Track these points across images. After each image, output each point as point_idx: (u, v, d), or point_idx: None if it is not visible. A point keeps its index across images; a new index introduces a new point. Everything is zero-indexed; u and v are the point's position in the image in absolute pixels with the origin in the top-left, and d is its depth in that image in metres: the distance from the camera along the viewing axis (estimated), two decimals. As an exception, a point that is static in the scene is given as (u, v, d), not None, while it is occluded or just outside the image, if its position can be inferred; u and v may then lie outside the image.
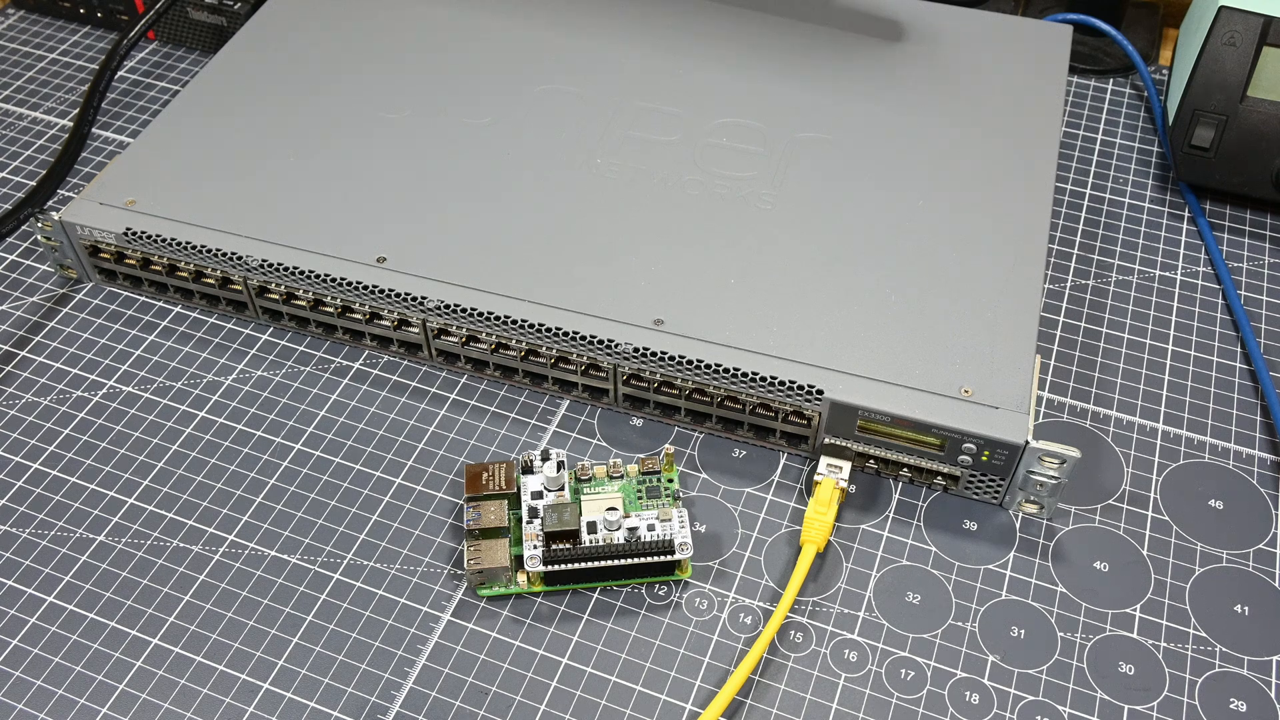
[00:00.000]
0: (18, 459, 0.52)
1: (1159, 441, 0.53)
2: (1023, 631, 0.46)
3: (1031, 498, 0.49)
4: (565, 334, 0.50)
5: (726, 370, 0.49)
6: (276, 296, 0.55)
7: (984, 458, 0.47)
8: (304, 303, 0.54)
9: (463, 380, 0.55)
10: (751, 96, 0.61)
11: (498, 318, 0.51)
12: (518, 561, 0.47)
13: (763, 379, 0.48)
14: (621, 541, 0.46)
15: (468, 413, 0.53)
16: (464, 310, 0.51)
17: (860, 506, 0.50)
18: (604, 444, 0.52)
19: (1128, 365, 0.56)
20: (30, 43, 0.76)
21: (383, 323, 0.54)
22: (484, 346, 0.52)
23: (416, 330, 0.53)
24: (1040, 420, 0.54)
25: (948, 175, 0.57)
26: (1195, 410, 0.54)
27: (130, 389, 0.55)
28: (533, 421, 0.53)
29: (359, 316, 0.54)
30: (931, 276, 0.52)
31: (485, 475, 0.48)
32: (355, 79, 0.62)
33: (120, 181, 0.57)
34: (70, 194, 0.65)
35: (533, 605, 0.47)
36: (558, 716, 0.43)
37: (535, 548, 0.46)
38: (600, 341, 0.50)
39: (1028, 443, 0.46)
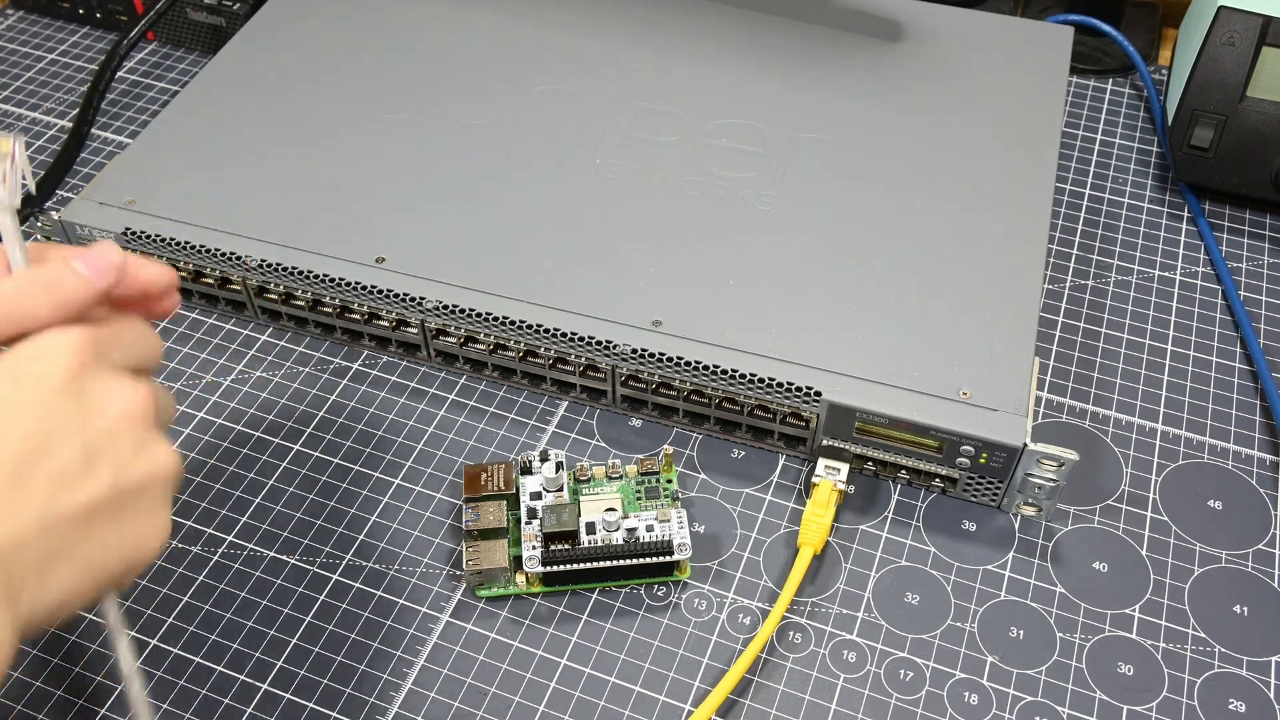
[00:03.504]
0: (17, 459, 0.52)
1: (1158, 442, 0.53)
2: (1022, 632, 0.46)
3: (1030, 500, 0.49)
4: (563, 335, 0.50)
5: (725, 371, 0.49)
6: (275, 296, 0.55)
7: (982, 460, 0.47)
8: (303, 303, 0.54)
9: (461, 381, 0.55)
10: (751, 97, 0.61)
11: (496, 318, 0.51)
12: (516, 562, 0.47)
13: (761, 380, 0.48)
14: (620, 542, 0.46)
15: (466, 413, 0.53)
16: (462, 311, 0.51)
17: (859, 507, 0.50)
18: (603, 445, 0.52)
19: (1127, 365, 0.56)
20: (30, 43, 0.76)
21: (381, 323, 0.54)
22: (482, 347, 0.52)
23: (415, 331, 0.53)
24: (1039, 420, 0.54)
25: (947, 176, 0.57)
26: (1194, 410, 0.54)
27: (129, 389, 0.55)
28: (531, 422, 0.53)
29: (357, 317, 0.54)
30: (930, 277, 0.52)
31: (484, 476, 0.48)
32: (354, 79, 0.62)
33: (120, 181, 0.57)
34: (70, 194, 0.65)
35: (531, 606, 0.47)
36: (556, 717, 0.43)
37: (534, 548, 0.46)
38: (599, 342, 0.50)
39: (1026, 445, 0.46)
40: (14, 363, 0.33)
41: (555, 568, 0.46)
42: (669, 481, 0.49)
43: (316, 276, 0.53)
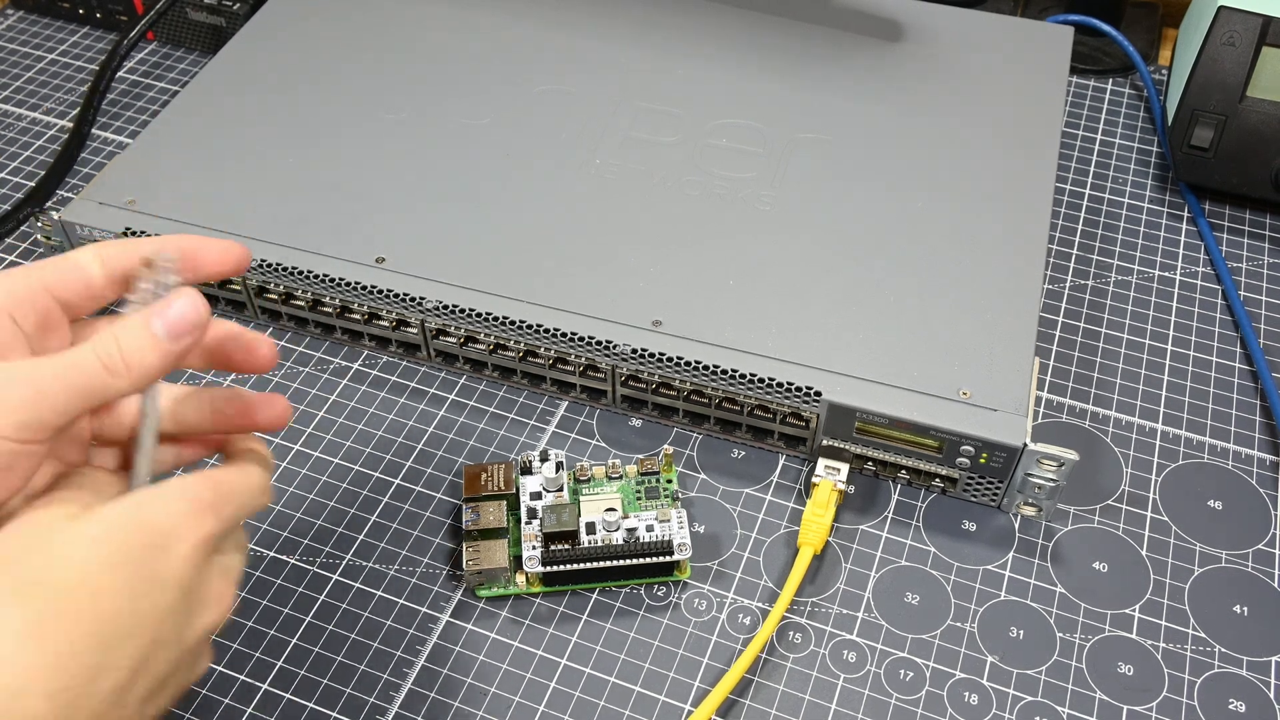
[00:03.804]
0: (17, 459, 0.52)
1: (1158, 442, 0.53)
2: (1022, 632, 0.46)
3: (1030, 500, 0.49)
4: (563, 335, 0.50)
5: (725, 371, 0.49)
6: (275, 296, 0.55)
7: (982, 460, 0.47)
8: (303, 303, 0.54)
9: (461, 381, 0.55)
10: (751, 97, 0.61)
11: (496, 318, 0.51)
12: (516, 562, 0.47)
13: (761, 380, 0.48)
14: (620, 542, 0.46)
15: (466, 413, 0.53)
16: (462, 311, 0.51)
17: (859, 507, 0.50)
18: (603, 444, 0.52)
19: (1127, 365, 0.56)
20: (30, 43, 0.76)
21: (381, 323, 0.54)
22: (482, 347, 0.52)
23: (415, 330, 0.53)
24: (1039, 421, 0.54)
25: (947, 176, 0.57)
26: (1194, 410, 0.54)
27: (129, 389, 0.55)
28: (531, 422, 0.53)
29: (357, 317, 0.54)
30: (930, 277, 0.52)
31: (484, 476, 0.48)
32: (355, 79, 0.62)
33: (120, 181, 0.57)
34: (70, 194, 0.65)
35: (531, 606, 0.47)
36: (556, 717, 0.43)
37: (534, 548, 0.46)
38: (598, 342, 0.50)
39: (1026, 445, 0.46)
40: (137, 552, 0.31)
41: (555, 568, 0.46)
42: (669, 481, 0.49)
43: (316, 276, 0.53)
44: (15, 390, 0.30)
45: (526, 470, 0.49)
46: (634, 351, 0.50)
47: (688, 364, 0.49)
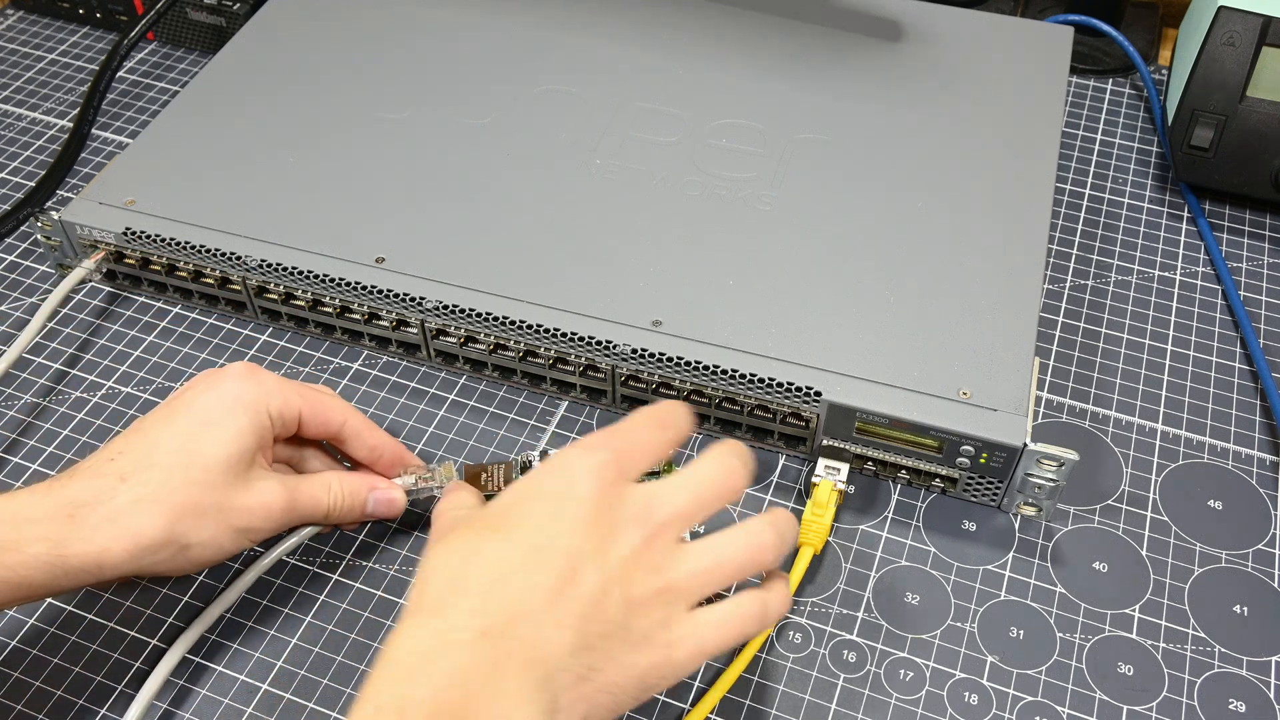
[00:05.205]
0: (17, 459, 0.52)
1: (1158, 442, 0.53)
2: (1022, 632, 0.46)
3: (1030, 500, 0.49)
4: (563, 335, 0.50)
5: (724, 371, 0.49)
6: (275, 296, 0.55)
7: (982, 460, 0.47)
8: (303, 303, 0.54)
9: (461, 381, 0.55)
10: (751, 97, 0.61)
11: (496, 318, 0.51)
12: (516, 562, 0.47)
13: (761, 380, 0.48)
14: (620, 542, 0.46)
15: (466, 413, 0.53)
16: (462, 311, 0.51)
17: (859, 507, 0.50)
18: (603, 444, 0.52)
19: (1127, 365, 0.56)
20: (30, 43, 0.76)
21: (381, 323, 0.54)
22: (482, 347, 0.52)
23: (415, 331, 0.53)
24: (1039, 420, 0.54)
25: (947, 176, 0.57)
26: (1195, 410, 0.54)
27: (129, 389, 0.55)
28: (531, 422, 0.53)
29: (357, 317, 0.54)
30: (930, 278, 0.52)
31: (484, 476, 0.48)
32: (355, 79, 0.62)
33: (120, 181, 0.57)
34: (70, 194, 0.65)
35: (531, 606, 0.47)
36: (556, 717, 0.43)
37: (534, 548, 0.46)
38: (598, 342, 0.50)
39: (1026, 445, 0.46)
40: (547, 491, 0.37)
41: (555, 568, 0.45)
42: (669, 481, 0.49)
43: (316, 276, 0.53)
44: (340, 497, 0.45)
45: (526, 470, 0.49)
46: (634, 351, 0.50)
47: (688, 364, 0.49)
